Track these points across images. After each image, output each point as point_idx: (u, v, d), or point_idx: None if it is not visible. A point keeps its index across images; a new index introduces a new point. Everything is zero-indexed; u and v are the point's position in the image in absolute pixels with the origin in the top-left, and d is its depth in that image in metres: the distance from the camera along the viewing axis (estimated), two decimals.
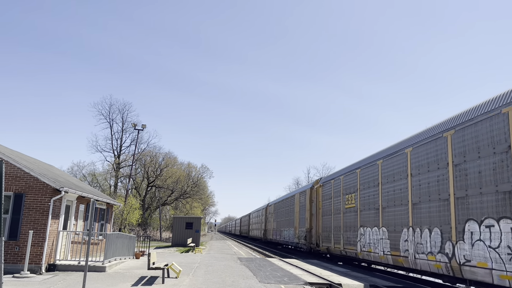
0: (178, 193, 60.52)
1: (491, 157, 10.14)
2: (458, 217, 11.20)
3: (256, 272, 15.89)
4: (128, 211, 38.90)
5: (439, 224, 12.17)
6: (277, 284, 12.75)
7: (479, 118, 10.72)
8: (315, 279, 13.85)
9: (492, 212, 9.90)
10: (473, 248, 10.37)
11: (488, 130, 10.32)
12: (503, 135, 9.77)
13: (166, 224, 62.66)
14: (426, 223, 12.94)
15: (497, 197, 9.80)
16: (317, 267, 18.07)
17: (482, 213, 10.25)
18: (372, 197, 17.38)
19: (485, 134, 10.40)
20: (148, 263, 13.18)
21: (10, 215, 14.07)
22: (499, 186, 9.77)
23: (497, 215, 9.69)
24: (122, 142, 52.60)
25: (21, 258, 13.67)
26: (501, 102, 10.11)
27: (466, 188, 10.96)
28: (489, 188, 10.09)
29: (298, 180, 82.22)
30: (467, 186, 10.92)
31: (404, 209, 14.48)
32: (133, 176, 52.42)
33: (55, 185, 14.39)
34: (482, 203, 10.29)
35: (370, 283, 13.30)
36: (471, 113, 11.23)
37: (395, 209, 15.17)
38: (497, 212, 9.73)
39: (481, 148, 10.52)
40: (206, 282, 12.83)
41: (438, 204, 12.32)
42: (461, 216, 11.06)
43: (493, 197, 9.95)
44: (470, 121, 11.08)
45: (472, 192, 10.72)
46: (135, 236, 23.52)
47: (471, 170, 10.85)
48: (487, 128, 10.39)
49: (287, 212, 35.31)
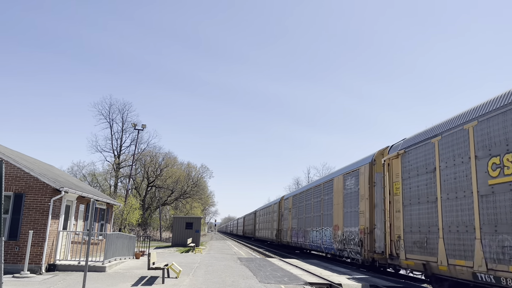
0: (178, 193, 60.52)
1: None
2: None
3: (256, 272, 15.88)
4: (128, 211, 38.90)
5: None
6: (277, 284, 12.75)
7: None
8: (315, 279, 13.84)
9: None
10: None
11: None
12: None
13: (166, 224, 62.67)
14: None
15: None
16: (317, 267, 18.06)
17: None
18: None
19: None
20: (148, 263, 13.17)
21: (10, 215, 14.07)
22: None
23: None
24: (122, 142, 52.67)
25: (21, 258, 13.66)
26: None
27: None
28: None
29: (298, 180, 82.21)
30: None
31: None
32: (133, 176, 52.43)
33: (55, 185, 14.38)
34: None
35: (370, 283, 13.29)
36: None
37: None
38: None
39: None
40: (206, 282, 12.82)
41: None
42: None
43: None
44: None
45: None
46: (135, 236, 23.52)
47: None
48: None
49: (317, 205, 25.55)
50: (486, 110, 9.87)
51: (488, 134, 9.68)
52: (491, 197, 9.26)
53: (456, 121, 11.19)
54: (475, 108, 10.48)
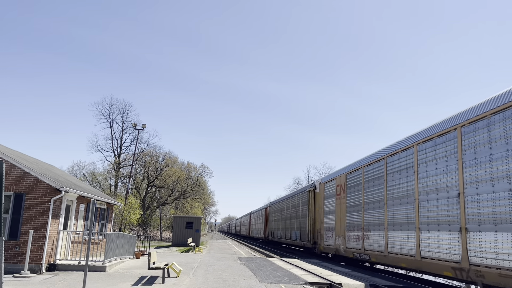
0: (178, 193, 60.53)
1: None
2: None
3: (256, 271, 15.88)
4: (128, 210, 38.90)
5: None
6: (277, 283, 12.75)
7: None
8: (315, 279, 13.84)
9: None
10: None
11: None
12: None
13: (166, 223, 62.68)
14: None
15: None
16: (317, 267, 18.06)
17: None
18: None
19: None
20: (148, 263, 13.18)
21: (11, 215, 14.08)
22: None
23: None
24: (122, 141, 52.67)
25: (21, 258, 13.67)
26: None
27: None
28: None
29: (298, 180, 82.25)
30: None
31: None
32: (133, 175, 52.46)
33: (55, 185, 14.39)
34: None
35: (370, 282, 13.29)
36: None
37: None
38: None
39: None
40: (206, 281, 12.83)
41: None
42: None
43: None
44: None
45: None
46: (135, 235, 23.53)
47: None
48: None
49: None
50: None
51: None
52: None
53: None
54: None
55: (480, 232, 10.14)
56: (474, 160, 10.61)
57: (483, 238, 10.03)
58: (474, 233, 10.34)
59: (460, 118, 11.41)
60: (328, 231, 23.03)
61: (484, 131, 10.37)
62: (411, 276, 16.75)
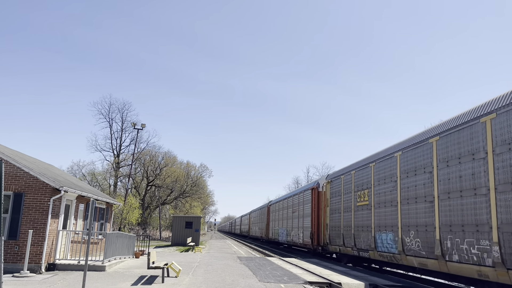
0: (177, 192, 60.55)
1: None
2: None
3: (256, 271, 15.89)
4: (128, 210, 38.93)
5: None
6: (277, 283, 12.76)
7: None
8: (315, 278, 13.86)
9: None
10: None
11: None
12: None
13: (166, 223, 62.68)
14: None
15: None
16: (317, 266, 18.08)
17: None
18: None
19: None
20: (148, 263, 13.18)
21: (10, 214, 14.07)
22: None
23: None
24: (121, 141, 52.71)
25: (20, 257, 13.66)
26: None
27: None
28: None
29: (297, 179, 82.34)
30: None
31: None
32: (133, 175, 52.44)
33: (54, 185, 14.38)
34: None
35: (370, 282, 13.31)
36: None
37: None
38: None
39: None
40: (206, 281, 12.83)
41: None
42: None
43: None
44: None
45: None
46: (135, 235, 23.53)
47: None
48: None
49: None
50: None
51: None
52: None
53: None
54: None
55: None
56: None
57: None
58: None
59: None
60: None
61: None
62: (411, 276, 16.77)
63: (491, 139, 10.37)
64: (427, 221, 13.05)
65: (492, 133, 10.37)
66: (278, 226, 39.08)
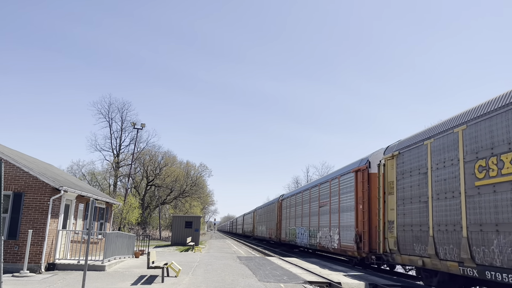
0: (177, 192, 60.54)
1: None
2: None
3: (256, 271, 15.89)
4: (128, 210, 38.92)
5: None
6: (277, 283, 12.76)
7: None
8: (314, 278, 13.86)
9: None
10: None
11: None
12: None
13: (166, 223, 62.68)
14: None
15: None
16: (316, 266, 18.08)
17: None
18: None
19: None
20: (148, 262, 13.18)
21: (10, 214, 14.06)
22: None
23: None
24: (121, 141, 52.68)
25: (20, 257, 13.66)
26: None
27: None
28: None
29: (297, 179, 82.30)
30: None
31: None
32: (133, 175, 52.42)
33: (54, 184, 14.38)
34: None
35: (369, 282, 13.32)
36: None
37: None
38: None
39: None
40: (206, 281, 12.83)
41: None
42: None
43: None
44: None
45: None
46: (135, 235, 23.53)
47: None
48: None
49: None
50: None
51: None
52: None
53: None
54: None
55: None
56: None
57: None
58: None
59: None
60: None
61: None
62: (411, 275, 16.78)
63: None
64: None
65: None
66: (295, 225, 31.12)
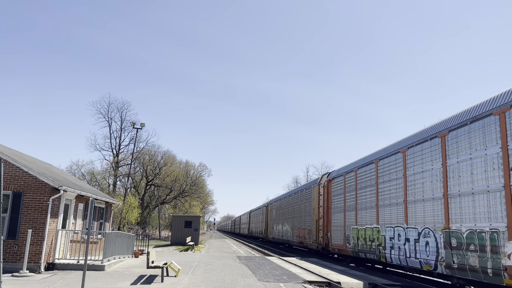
0: (176, 192, 60.52)
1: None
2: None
3: (255, 270, 15.90)
4: (127, 210, 38.90)
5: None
6: (276, 282, 12.76)
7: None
8: (314, 278, 13.87)
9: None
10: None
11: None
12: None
13: (165, 222, 62.68)
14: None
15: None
16: (316, 266, 18.09)
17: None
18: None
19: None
20: (147, 262, 13.17)
21: (9, 214, 14.05)
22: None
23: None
24: (121, 140, 52.66)
25: (20, 257, 13.65)
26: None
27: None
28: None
29: (297, 178, 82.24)
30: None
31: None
32: (132, 174, 52.40)
33: (54, 184, 14.37)
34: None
35: (369, 281, 13.32)
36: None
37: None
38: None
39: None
40: (205, 280, 12.83)
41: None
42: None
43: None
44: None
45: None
46: (134, 235, 23.53)
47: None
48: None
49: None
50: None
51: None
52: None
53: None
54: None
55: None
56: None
57: None
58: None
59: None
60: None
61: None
62: (411, 275, 16.78)
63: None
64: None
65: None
66: (385, 222, 18.62)
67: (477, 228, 10.42)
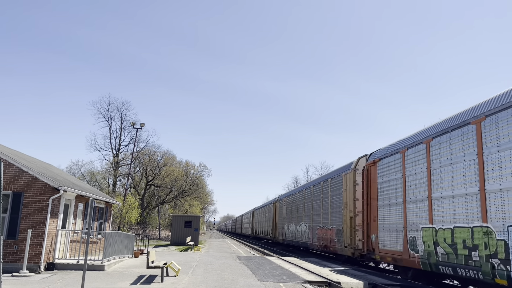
0: (176, 192, 60.52)
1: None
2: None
3: (255, 270, 15.90)
4: (127, 209, 38.91)
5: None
6: (276, 282, 12.77)
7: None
8: (314, 277, 13.87)
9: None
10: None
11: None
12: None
13: (165, 222, 62.67)
14: None
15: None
16: (316, 265, 18.09)
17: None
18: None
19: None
20: (147, 262, 13.18)
21: (9, 214, 14.06)
22: None
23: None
24: (120, 140, 52.63)
25: (20, 257, 13.65)
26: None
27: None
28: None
29: (297, 178, 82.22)
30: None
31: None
32: (132, 174, 52.40)
33: (53, 184, 14.37)
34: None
35: (369, 281, 13.33)
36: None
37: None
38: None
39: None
40: (205, 280, 12.83)
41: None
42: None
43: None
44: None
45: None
46: (134, 235, 23.53)
47: None
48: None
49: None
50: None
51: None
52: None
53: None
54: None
55: None
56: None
57: None
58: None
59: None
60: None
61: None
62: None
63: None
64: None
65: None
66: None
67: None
